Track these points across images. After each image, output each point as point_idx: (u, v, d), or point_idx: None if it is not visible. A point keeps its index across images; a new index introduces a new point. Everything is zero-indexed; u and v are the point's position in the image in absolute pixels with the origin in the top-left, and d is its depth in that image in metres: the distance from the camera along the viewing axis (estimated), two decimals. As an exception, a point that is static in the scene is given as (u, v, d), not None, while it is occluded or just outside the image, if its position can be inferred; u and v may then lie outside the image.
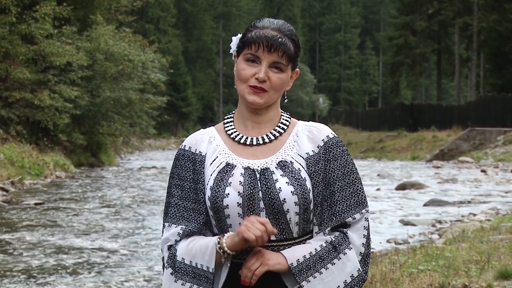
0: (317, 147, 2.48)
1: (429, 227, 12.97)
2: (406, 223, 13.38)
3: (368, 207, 2.49)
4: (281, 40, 2.43)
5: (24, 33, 26.48)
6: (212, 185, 2.43)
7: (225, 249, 2.37)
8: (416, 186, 20.47)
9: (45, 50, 26.72)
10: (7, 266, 9.48)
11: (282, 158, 2.46)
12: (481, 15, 49.11)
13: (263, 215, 2.40)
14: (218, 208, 2.41)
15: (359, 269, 2.42)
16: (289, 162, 2.45)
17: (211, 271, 2.39)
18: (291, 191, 2.39)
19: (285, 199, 2.38)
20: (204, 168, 2.48)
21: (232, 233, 2.39)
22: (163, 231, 2.51)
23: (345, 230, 2.43)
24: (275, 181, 2.40)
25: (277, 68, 2.44)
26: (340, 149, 2.49)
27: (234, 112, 2.58)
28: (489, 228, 10.78)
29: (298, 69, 2.53)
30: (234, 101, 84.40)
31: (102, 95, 30.96)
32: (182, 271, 2.43)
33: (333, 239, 2.42)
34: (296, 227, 2.42)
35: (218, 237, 2.40)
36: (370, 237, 2.48)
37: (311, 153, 2.47)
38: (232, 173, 2.43)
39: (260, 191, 2.40)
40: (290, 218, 2.40)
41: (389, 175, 26.67)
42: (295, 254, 2.38)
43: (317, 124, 2.55)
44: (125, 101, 32.28)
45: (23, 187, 20.15)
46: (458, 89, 56.69)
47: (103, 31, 31.82)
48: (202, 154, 2.50)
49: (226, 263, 2.40)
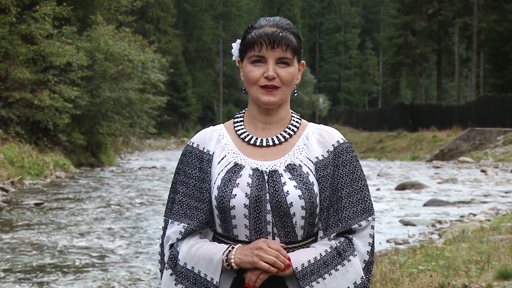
0: (327, 151, 2.46)
1: (429, 227, 12.96)
2: (406, 223, 13.37)
3: (374, 215, 2.48)
4: (282, 34, 2.41)
5: (24, 33, 26.48)
6: (219, 185, 2.42)
7: (233, 265, 2.37)
8: (416, 186, 20.46)
9: (45, 50, 26.71)
10: (7, 266, 9.47)
11: (291, 161, 2.45)
12: (481, 15, 49.10)
13: (269, 218, 2.39)
14: (224, 208, 2.40)
15: (362, 277, 2.41)
16: (298, 165, 2.43)
17: (215, 283, 2.38)
18: (299, 195, 2.38)
19: (292, 202, 2.37)
20: (211, 167, 2.47)
21: (240, 245, 2.39)
22: (165, 227, 2.49)
23: (350, 236, 2.42)
24: (283, 184, 2.39)
25: (284, 63, 2.43)
26: (349, 155, 2.49)
27: (244, 111, 2.56)
28: (489, 228, 10.78)
29: (303, 61, 2.52)
30: (234, 101, 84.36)
31: (102, 95, 30.94)
32: (183, 276, 2.42)
33: (338, 244, 2.41)
34: (301, 230, 2.41)
35: (225, 251, 2.39)
36: (374, 245, 2.47)
37: (321, 158, 2.46)
38: (240, 174, 2.42)
39: (267, 194, 2.39)
40: (296, 221, 2.39)
41: (389, 175, 26.66)
42: (300, 258, 2.37)
43: (328, 128, 2.53)
44: (125, 101, 32.27)
45: (23, 187, 20.15)
46: (458, 89, 56.68)
47: (103, 31, 31.81)
48: (209, 153, 2.49)
49: (231, 274, 2.40)
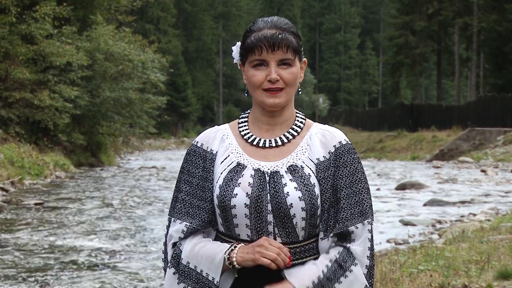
0: (328, 152, 2.45)
1: (429, 227, 12.96)
2: (406, 223, 13.37)
3: (372, 219, 2.45)
4: (281, 36, 2.41)
5: (24, 33, 26.48)
6: (221, 184, 2.43)
7: (234, 264, 2.38)
8: (416, 186, 20.46)
9: (45, 50, 26.72)
10: (7, 266, 9.48)
11: (293, 162, 2.44)
12: (481, 15, 49.11)
13: (270, 218, 2.39)
14: (225, 207, 2.42)
15: (366, 285, 2.40)
16: (300, 166, 2.43)
17: (216, 283, 2.39)
18: (299, 197, 2.38)
19: (292, 204, 2.37)
20: (214, 166, 2.48)
21: (242, 244, 2.40)
22: (169, 225, 2.51)
23: (348, 245, 2.41)
24: (283, 185, 2.39)
25: (286, 64, 2.42)
26: (351, 156, 2.46)
27: (249, 111, 2.56)
28: (489, 228, 10.78)
29: (305, 59, 2.51)
30: (234, 101, 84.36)
31: (102, 95, 30.95)
32: (185, 274, 2.43)
33: (338, 256, 2.39)
34: (302, 231, 2.41)
35: (227, 249, 2.40)
36: (373, 248, 2.45)
37: (322, 159, 2.44)
38: (242, 174, 2.43)
39: (268, 194, 2.39)
40: (296, 222, 2.39)
41: (389, 175, 26.67)
42: (304, 281, 2.36)
43: (332, 128, 2.51)
44: (125, 101, 32.28)
45: (23, 187, 20.15)
46: (458, 89, 56.69)
47: (103, 31, 31.82)
48: (213, 152, 2.50)
49: (232, 272, 2.41)
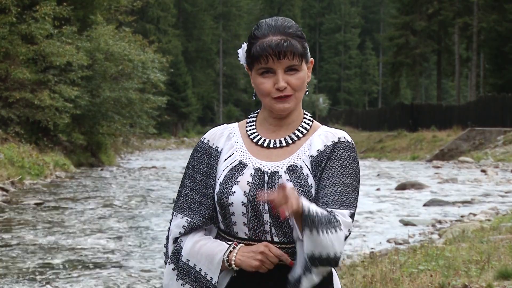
0: (324, 146, 2.44)
1: (429, 227, 12.96)
2: (406, 223, 13.37)
3: (352, 211, 2.37)
4: (286, 44, 2.39)
5: (24, 33, 26.49)
6: (221, 181, 2.44)
7: (233, 266, 2.39)
8: (416, 186, 20.45)
9: (45, 50, 26.72)
10: (7, 266, 9.48)
11: (293, 162, 2.44)
12: (481, 15, 49.11)
13: (267, 218, 2.39)
14: (223, 204, 2.43)
15: (341, 252, 2.31)
16: (299, 167, 2.42)
17: (214, 283, 2.40)
18: None
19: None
20: (217, 163, 2.49)
21: (242, 245, 2.40)
22: (171, 219, 2.53)
23: (335, 212, 2.33)
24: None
25: (293, 69, 2.41)
26: (347, 152, 2.43)
27: (259, 110, 2.56)
28: (489, 228, 10.78)
29: (312, 58, 2.50)
30: (234, 101, 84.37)
31: (102, 95, 30.95)
32: (184, 272, 2.45)
33: (331, 214, 2.32)
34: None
35: (226, 250, 2.40)
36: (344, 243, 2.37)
37: (316, 153, 2.43)
38: (242, 172, 2.44)
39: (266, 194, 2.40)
40: (292, 223, 2.38)
41: (389, 175, 26.67)
42: (311, 205, 2.27)
43: (337, 130, 2.50)
44: (125, 101, 32.28)
45: (23, 187, 20.15)
46: (458, 89, 56.69)
47: (103, 31, 31.82)
48: (218, 149, 2.51)
49: (231, 272, 2.42)
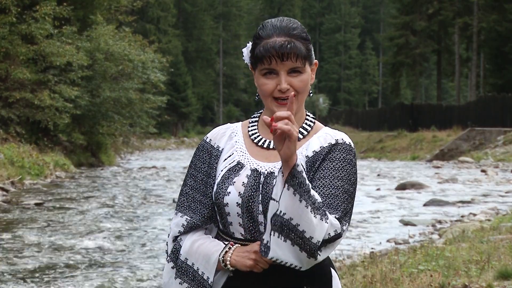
0: (320, 147, 2.42)
1: (429, 227, 12.96)
2: (406, 223, 13.37)
3: (339, 216, 2.32)
4: (290, 45, 2.37)
5: (24, 33, 26.48)
6: (218, 181, 2.45)
7: (228, 266, 2.40)
8: (416, 186, 20.45)
9: (45, 50, 26.71)
10: (7, 266, 9.47)
11: None
12: (481, 15, 49.12)
13: (261, 219, 2.39)
14: (219, 204, 2.44)
15: (319, 242, 2.25)
16: None
17: (210, 283, 2.42)
18: None
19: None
20: (217, 163, 2.50)
21: (238, 245, 2.41)
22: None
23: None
24: (274, 186, 2.35)
25: (296, 71, 2.40)
26: (342, 155, 2.39)
27: (261, 111, 2.55)
28: (489, 228, 10.78)
29: (316, 61, 2.49)
30: (234, 101, 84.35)
31: (102, 95, 30.94)
32: (182, 270, 2.47)
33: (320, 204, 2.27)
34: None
35: (223, 250, 2.41)
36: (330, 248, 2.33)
37: (311, 154, 2.41)
38: (239, 173, 2.44)
39: (260, 195, 2.39)
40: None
41: (389, 175, 26.66)
42: (304, 173, 2.23)
43: (337, 132, 2.46)
44: (125, 101, 32.28)
45: (23, 187, 20.14)
46: (458, 89, 56.69)
47: (103, 31, 31.81)
48: (219, 149, 2.52)
49: (227, 272, 2.43)
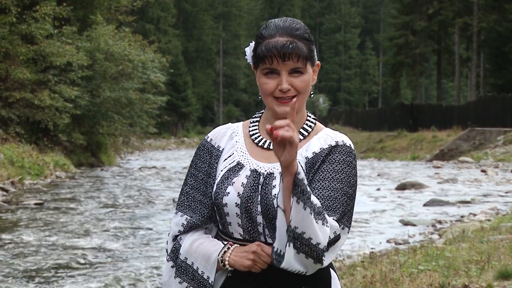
0: (320, 149, 2.41)
1: (429, 227, 12.96)
2: (406, 223, 13.38)
3: (338, 220, 2.31)
4: (292, 45, 2.37)
5: (24, 33, 26.48)
6: (218, 181, 2.45)
7: (227, 266, 2.40)
8: (416, 186, 20.45)
9: (45, 50, 26.71)
10: (7, 266, 9.47)
11: None
12: (481, 15, 49.12)
13: (259, 219, 2.39)
14: (218, 204, 2.44)
15: (325, 247, 2.24)
16: None
17: (211, 282, 2.42)
18: None
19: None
20: (218, 163, 2.50)
21: (236, 245, 2.40)
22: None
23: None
24: (272, 187, 2.37)
25: (297, 72, 2.39)
26: (342, 157, 2.38)
27: (263, 111, 2.55)
28: (489, 228, 10.77)
29: (318, 62, 2.48)
30: (234, 101, 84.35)
31: (102, 95, 30.95)
32: (182, 270, 2.47)
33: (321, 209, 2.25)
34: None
35: (221, 250, 2.41)
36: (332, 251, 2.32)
37: (311, 155, 2.40)
38: (238, 173, 2.44)
39: (259, 195, 2.39)
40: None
41: (389, 175, 26.66)
42: (305, 180, 2.21)
43: (338, 133, 2.45)
44: (125, 101, 32.28)
45: (23, 187, 20.14)
46: (458, 89, 56.69)
47: (103, 31, 31.81)
48: (220, 149, 2.52)
49: (226, 272, 2.44)
